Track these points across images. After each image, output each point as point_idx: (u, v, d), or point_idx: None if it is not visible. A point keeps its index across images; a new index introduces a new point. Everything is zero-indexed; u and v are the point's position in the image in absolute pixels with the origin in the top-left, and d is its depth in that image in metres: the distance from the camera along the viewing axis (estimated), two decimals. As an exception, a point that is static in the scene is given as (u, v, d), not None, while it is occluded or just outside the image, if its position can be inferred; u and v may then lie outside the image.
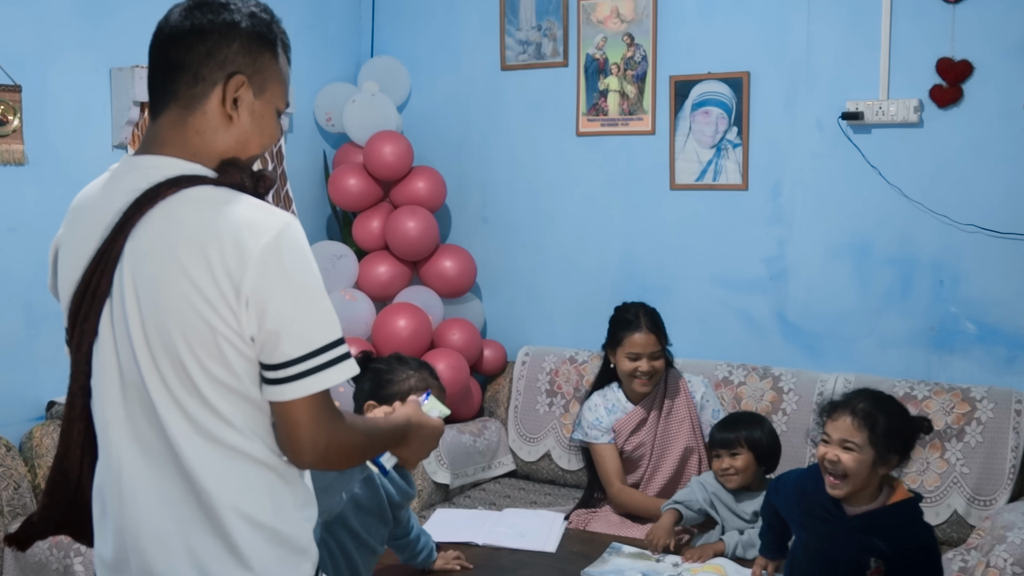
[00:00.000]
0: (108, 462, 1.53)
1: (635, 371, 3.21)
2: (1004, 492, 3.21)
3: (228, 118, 1.53)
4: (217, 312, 1.42)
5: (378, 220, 4.19)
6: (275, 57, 1.57)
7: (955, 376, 3.51)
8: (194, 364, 1.44)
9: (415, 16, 4.44)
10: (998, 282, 3.45)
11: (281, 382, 1.44)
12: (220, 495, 1.47)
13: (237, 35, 1.52)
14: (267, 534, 1.49)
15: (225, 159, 1.54)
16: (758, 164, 3.80)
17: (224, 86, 1.52)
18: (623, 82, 4.01)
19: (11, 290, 3.22)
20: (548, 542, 2.91)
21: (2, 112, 3.15)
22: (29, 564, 2.87)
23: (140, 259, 1.47)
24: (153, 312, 1.45)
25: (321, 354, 1.45)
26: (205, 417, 1.46)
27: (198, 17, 1.52)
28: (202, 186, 1.49)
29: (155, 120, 1.56)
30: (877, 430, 2.29)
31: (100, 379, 1.52)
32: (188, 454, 1.46)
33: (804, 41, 3.68)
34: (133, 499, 1.50)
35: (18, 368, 3.24)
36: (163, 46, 1.54)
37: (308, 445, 1.47)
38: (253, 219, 1.44)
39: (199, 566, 1.47)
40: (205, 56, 1.51)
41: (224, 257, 1.41)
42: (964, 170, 3.47)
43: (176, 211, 1.46)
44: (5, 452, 3.04)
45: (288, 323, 1.43)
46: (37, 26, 3.25)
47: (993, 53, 3.39)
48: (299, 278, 1.45)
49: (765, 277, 3.83)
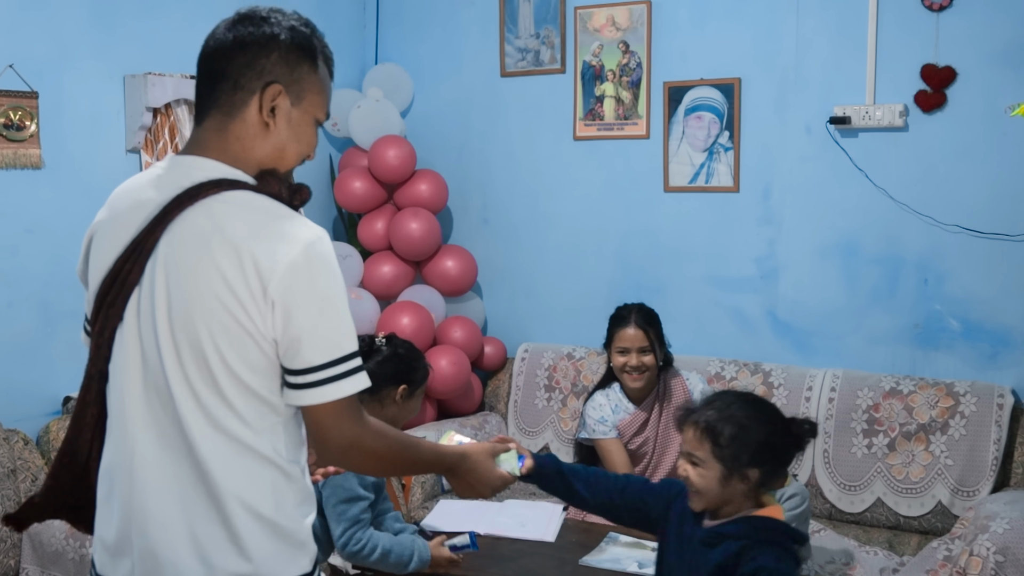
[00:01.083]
0: (122, 445, 1.53)
1: (624, 365, 3.19)
2: (987, 483, 3.21)
3: (265, 125, 1.55)
4: (244, 308, 1.44)
5: (382, 221, 4.19)
6: (314, 68, 1.58)
7: (939, 371, 3.51)
8: (215, 357, 1.45)
9: (418, 24, 4.44)
10: (981, 281, 3.46)
11: (301, 387, 1.47)
12: (227, 485, 1.47)
13: (276, 47, 1.54)
14: (268, 527, 1.50)
15: (264, 168, 1.56)
16: (749, 167, 3.80)
17: (261, 95, 1.53)
18: (619, 88, 4.01)
19: (28, 289, 3.22)
20: (547, 532, 2.91)
21: (19, 118, 3.15)
22: (46, 553, 2.88)
23: (175, 252, 1.48)
24: (181, 303, 1.46)
25: (340, 364, 1.48)
26: (220, 410, 1.47)
27: (240, 30, 1.54)
28: (242, 191, 1.51)
29: (199, 125, 1.58)
30: (721, 442, 1.98)
31: (121, 365, 1.53)
32: (200, 443, 1.47)
33: (793, 48, 3.68)
34: (143, 482, 1.50)
35: (35, 365, 3.24)
36: (208, 57, 1.56)
37: (332, 445, 1.52)
38: (286, 229, 1.47)
39: (200, 553, 1.48)
40: (245, 66, 1.53)
41: (256, 259, 1.43)
42: (948, 172, 3.47)
43: (215, 211, 1.48)
44: (23, 446, 3.04)
45: (311, 332, 1.45)
46: (53, 35, 3.25)
47: (976, 59, 3.39)
48: (324, 290, 1.47)
49: (756, 276, 3.83)
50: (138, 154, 3.50)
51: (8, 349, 3.18)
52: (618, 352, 3.20)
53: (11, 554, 2.92)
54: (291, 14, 1.59)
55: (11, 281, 3.18)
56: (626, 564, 2.69)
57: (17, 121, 3.15)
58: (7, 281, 3.17)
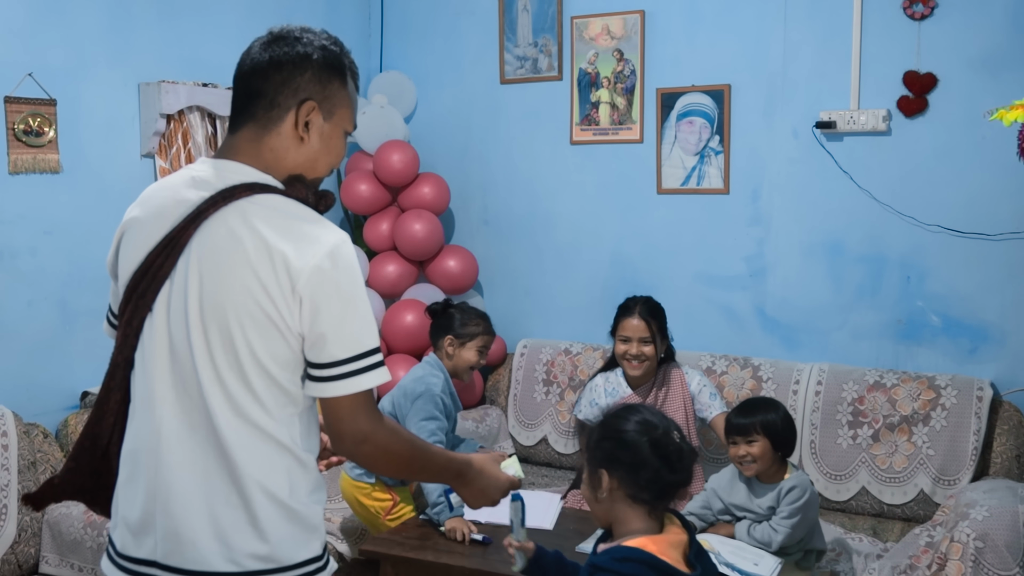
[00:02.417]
0: (148, 429, 1.54)
1: (625, 353, 3.23)
2: (967, 472, 3.21)
3: (300, 139, 1.58)
4: (274, 303, 1.47)
5: (387, 223, 4.19)
6: (344, 84, 1.61)
7: (921, 365, 3.51)
8: (244, 347, 1.48)
9: (421, 34, 4.44)
10: (961, 278, 3.45)
11: (324, 380, 1.50)
12: (247, 470, 1.50)
13: (309, 66, 1.57)
14: (284, 511, 1.52)
15: (292, 175, 1.60)
16: (738, 170, 3.80)
17: (297, 111, 1.57)
18: (613, 94, 4.01)
19: (47, 288, 3.22)
20: (545, 520, 2.91)
21: (38, 124, 3.15)
22: (65, 542, 2.88)
23: (209, 247, 1.51)
24: (213, 295, 1.49)
25: (362, 359, 1.51)
26: (244, 398, 1.49)
27: (275, 50, 1.57)
28: (273, 195, 1.55)
29: (233, 134, 1.60)
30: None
31: (149, 353, 1.54)
32: (224, 429, 1.49)
33: (781, 56, 3.68)
34: (169, 464, 1.52)
35: (54, 361, 3.24)
36: (245, 75, 1.59)
37: (347, 437, 1.53)
38: (314, 232, 1.51)
39: (220, 534, 1.50)
40: (280, 84, 1.56)
41: (286, 258, 1.47)
42: (929, 175, 3.47)
43: (248, 211, 1.51)
44: (43, 439, 3.04)
45: (335, 328, 1.49)
46: (70, 45, 3.25)
47: (956, 66, 3.39)
48: (347, 290, 1.50)
49: (745, 274, 3.83)
50: (152, 159, 3.49)
51: (28, 346, 3.18)
52: (621, 340, 3.25)
53: (31, 543, 2.92)
54: (321, 33, 1.61)
55: (31, 281, 3.18)
56: (621, 551, 2.69)
57: (36, 127, 3.15)
58: (27, 281, 3.17)
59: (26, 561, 2.91)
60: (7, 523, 2.85)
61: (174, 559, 1.51)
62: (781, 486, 2.73)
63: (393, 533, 2.89)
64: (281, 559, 1.52)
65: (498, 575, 2.58)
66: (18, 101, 3.10)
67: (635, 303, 3.28)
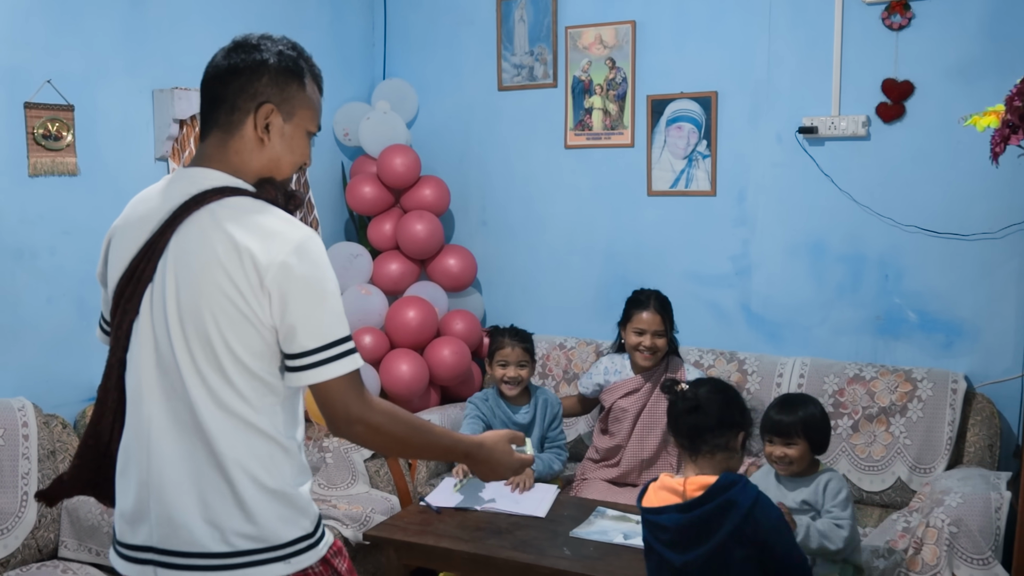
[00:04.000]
0: (138, 424, 1.56)
1: (639, 345, 3.27)
2: (942, 461, 3.22)
3: (261, 141, 1.59)
4: (244, 298, 1.47)
5: (390, 223, 4.18)
6: (302, 87, 1.61)
7: (899, 359, 3.52)
8: (220, 343, 1.49)
9: (422, 43, 4.43)
10: (937, 276, 3.46)
11: (298, 370, 1.51)
12: (232, 457, 1.51)
13: (266, 71, 1.58)
14: (269, 494, 1.53)
15: (262, 177, 1.60)
16: (725, 173, 3.80)
17: (255, 114, 1.57)
18: (606, 101, 4.01)
19: (65, 286, 3.22)
20: (539, 508, 2.91)
21: (57, 129, 3.15)
22: (83, 528, 2.87)
23: (183, 251, 1.52)
24: (189, 296, 1.50)
25: (332, 347, 1.51)
26: (224, 390, 1.50)
27: (234, 57, 1.59)
28: (242, 197, 1.55)
29: (203, 141, 1.62)
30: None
31: (137, 353, 1.56)
32: (208, 421, 1.50)
33: (765, 64, 3.68)
34: (159, 456, 1.53)
35: (72, 355, 3.24)
36: (209, 82, 1.61)
37: (338, 420, 1.54)
38: (281, 229, 1.51)
39: (211, 517, 1.52)
40: (239, 90, 1.57)
41: (254, 256, 1.47)
42: (907, 178, 3.47)
43: (218, 214, 1.51)
44: (61, 429, 3.04)
45: (304, 320, 1.49)
46: (87, 53, 3.24)
47: (932, 74, 3.39)
48: (314, 282, 1.50)
49: (731, 273, 3.83)
50: (166, 162, 3.49)
51: (48, 341, 3.17)
52: (635, 332, 3.28)
53: (51, 528, 2.91)
54: (280, 39, 1.62)
55: (50, 279, 3.17)
56: (612, 536, 2.70)
57: (55, 132, 3.14)
58: (46, 279, 3.16)
59: (46, 546, 2.90)
60: (28, 509, 2.85)
61: (170, 543, 1.53)
62: (818, 481, 2.56)
63: (395, 519, 2.90)
64: (270, 539, 1.53)
65: (496, 558, 2.59)
66: (37, 106, 3.09)
67: (647, 297, 3.31)
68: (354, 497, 3.32)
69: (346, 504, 3.27)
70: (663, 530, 2.07)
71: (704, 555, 2.01)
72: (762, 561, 2.00)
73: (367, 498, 3.33)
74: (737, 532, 1.97)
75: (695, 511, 2.01)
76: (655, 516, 2.09)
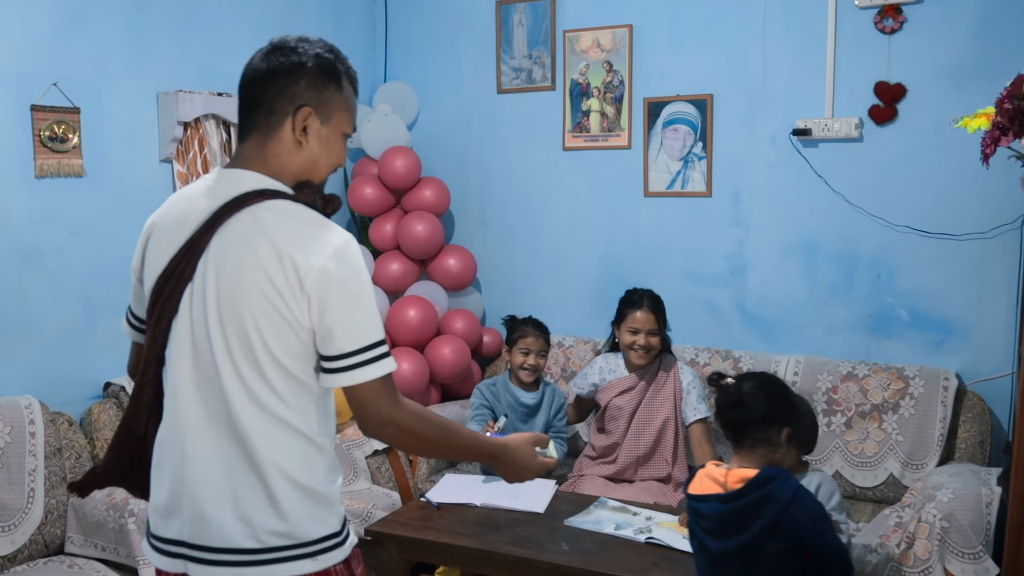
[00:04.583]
0: (174, 420, 1.56)
1: (633, 344, 3.27)
2: (933, 457, 3.22)
3: (299, 143, 1.58)
4: (284, 300, 1.48)
5: (391, 224, 4.18)
6: (340, 89, 1.61)
7: (891, 357, 3.52)
8: (259, 342, 1.49)
9: (422, 47, 4.43)
10: (928, 276, 3.46)
11: (334, 371, 1.52)
12: (266, 455, 1.51)
13: (304, 73, 1.57)
14: (302, 491, 1.53)
15: (300, 180, 1.60)
16: (720, 174, 3.80)
17: (293, 117, 1.57)
18: (603, 103, 4.01)
19: (72, 285, 3.22)
20: (538, 504, 2.91)
21: (63, 131, 3.15)
22: (89, 523, 2.87)
23: (224, 251, 1.52)
24: (229, 296, 1.50)
25: (367, 351, 1.52)
26: (261, 389, 1.51)
27: (272, 60, 1.58)
28: (282, 200, 1.55)
29: (242, 143, 1.62)
30: None
31: (175, 350, 1.56)
32: (243, 418, 1.51)
33: (760, 67, 3.68)
34: (194, 453, 1.54)
35: (78, 353, 3.24)
36: (247, 85, 1.60)
37: (369, 421, 1.54)
38: (320, 234, 1.52)
39: (243, 514, 1.52)
40: (277, 93, 1.57)
41: (294, 258, 1.48)
42: (899, 179, 3.48)
43: (259, 217, 1.52)
44: (68, 427, 3.04)
45: (342, 323, 1.50)
46: (93, 57, 3.24)
47: (924, 77, 3.40)
48: (352, 287, 1.51)
49: (727, 272, 3.83)
50: (170, 163, 3.49)
51: (54, 339, 3.17)
52: (630, 331, 3.27)
53: (58, 524, 2.91)
54: (317, 42, 1.61)
55: (57, 278, 3.17)
56: (605, 526, 2.70)
57: (61, 134, 3.14)
58: (53, 278, 3.16)
59: (52, 541, 2.90)
60: (34, 505, 2.85)
61: (201, 538, 1.53)
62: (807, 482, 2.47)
63: (396, 515, 2.90)
64: (300, 536, 1.53)
65: (495, 553, 2.59)
66: (44, 109, 3.09)
67: (641, 296, 3.31)
68: (356, 493, 3.33)
69: (348, 500, 3.28)
70: (703, 517, 2.12)
71: (739, 545, 2.04)
72: (800, 553, 2.02)
73: (369, 494, 3.34)
74: (773, 526, 1.99)
75: (733, 503, 2.04)
76: (697, 503, 2.14)
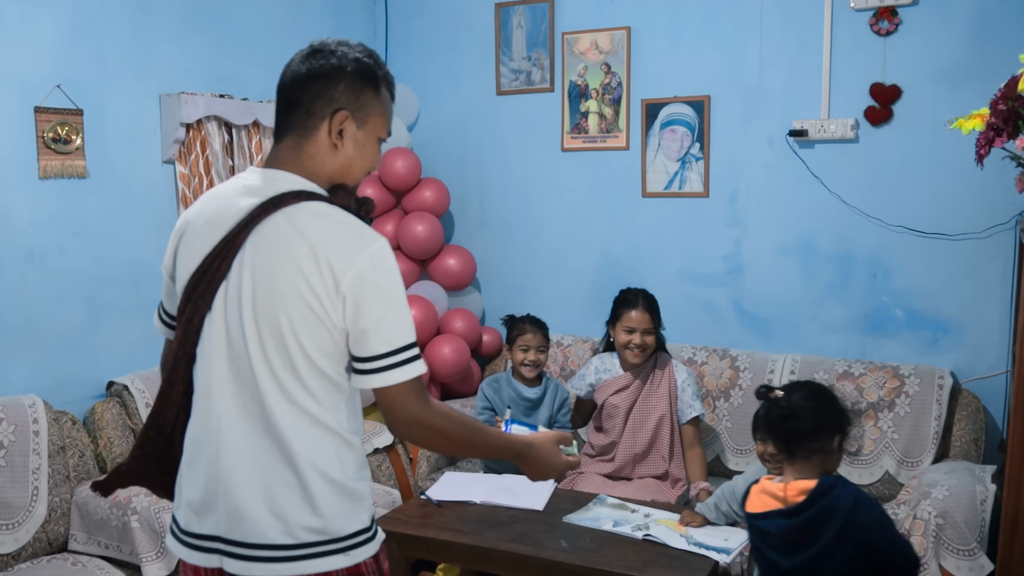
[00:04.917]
0: (208, 417, 1.56)
1: (629, 343, 3.26)
2: (928, 455, 3.23)
3: (334, 146, 1.59)
4: (319, 300, 1.48)
5: (392, 224, 4.19)
6: (377, 94, 1.61)
7: (887, 356, 3.53)
8: (294, 342, 1.50)
9: (423, 49, 4.43)
10: (923, 275, 3.47)
11: (366, 372, 1.52)
12: (300, 451, 1.52)
13: (343, 77, 1.57)
14: (335, 487, 1.54)
15: (334, 182, 1.61)
16: (717, 175, 3.80)
17: (331, 120, 1.57)
18: (601, 105, 4.01)
19: (75, 285, 3.22)
20: (537, 501, 2.92)
21: (66, 132, 3.15)
22: (92, 521, 2.88)
23: (260, 250, 1.52)
24: (265, 295, 1.50)
25: (400, 353, 1.52)
26: (295, 387, 1.51)
27: (312, 63, 1.58)
28: (319, 202, 1.55)
29: (278, 143, 1.62)
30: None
31: (208, 348, 1.56)
32: (277, 415, 1.51)
33: (756, 69, 3.69)
34: (228, 449, 1.54)
35: (81, 353, 3.24)
36: (286, 86, 1.61)
37: (399, 421, 1.55)
38: (356, 237, 1.52)
39: (277, 510, 1.52)
40: (316, 95, 1.57)
41: (331, 260, 1.48)
42: (894, 180, 3.48)
43: (296, 218, 1.52)
44: (71, 425, 3.04)
45: (376, 325, 1.50)
46: (96, 59, 3.24)
47: (919, 79, 3.40)
48: (386, 289, 1.51)
49: (724, 272, 3.84)
50: (172, 165, 3.49)
51: (58, 339, 3.18)
52: (625, 331, 3.27)
53: (61, 522, 2.92)
54: (356, 46, 1.61)
55: (60, 278, 3.17)
56: (603, 523, 2.70)
57: (64, 135, 3.14)
58: (57, 278, 3.17)
59: (56, 539, 2.91)
60: (38, 503, 2.86)
61: (236, 534, 1.53)
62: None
63: (397, 512, 2.90)
64: (333, 531, 1.54)
65: (494, 550, 2.59)
66: (47, 111, 3.09)
67: (636, 296, 3.30)
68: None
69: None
70: (770, 535, 2.07)
71: (811, 558, 2.00)
72: (868, 556, 2.00)
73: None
74: (841, 534, 1.97)
75: (798, 516, 2.01)
76: (760, 522, 2.09)
